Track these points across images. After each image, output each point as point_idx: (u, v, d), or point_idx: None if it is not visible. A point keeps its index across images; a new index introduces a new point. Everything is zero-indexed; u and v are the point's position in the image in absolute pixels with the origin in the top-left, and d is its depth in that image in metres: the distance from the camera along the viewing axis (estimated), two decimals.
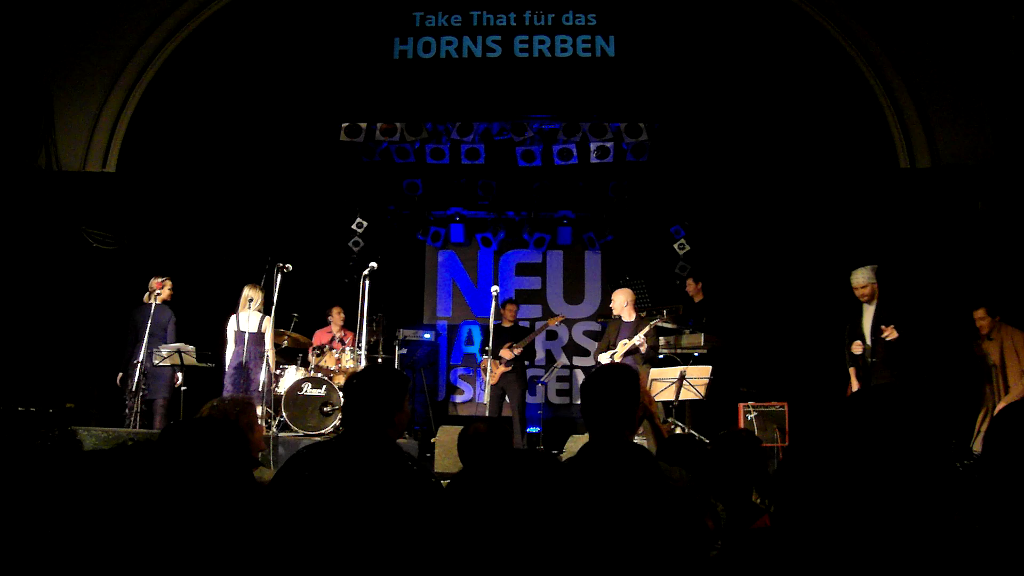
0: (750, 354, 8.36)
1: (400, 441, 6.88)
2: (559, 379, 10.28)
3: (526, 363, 8.65)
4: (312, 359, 7.89)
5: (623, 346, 7.22)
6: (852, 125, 8.31)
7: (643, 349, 7.22)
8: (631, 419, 2.57)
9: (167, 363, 7.22)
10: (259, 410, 6.53)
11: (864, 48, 8.14)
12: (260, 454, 4.16)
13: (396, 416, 2.42)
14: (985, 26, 7.74)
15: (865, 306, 6.48)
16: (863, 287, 6.47)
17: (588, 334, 10.35)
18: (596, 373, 2.65)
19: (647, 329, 7.18)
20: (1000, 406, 5.96)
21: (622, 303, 7.50)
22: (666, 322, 7.91)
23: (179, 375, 7.43)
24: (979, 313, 6.54)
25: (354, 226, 10.10)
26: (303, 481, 2.29)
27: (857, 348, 6.43)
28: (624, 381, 2.57)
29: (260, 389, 7.08)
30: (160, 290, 7.43)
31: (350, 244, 10.06)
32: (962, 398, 6.63)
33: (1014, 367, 6.25)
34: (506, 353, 8.20)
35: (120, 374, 7.51)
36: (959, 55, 7.90)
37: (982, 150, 7.84)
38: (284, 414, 7.31)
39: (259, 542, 1.98)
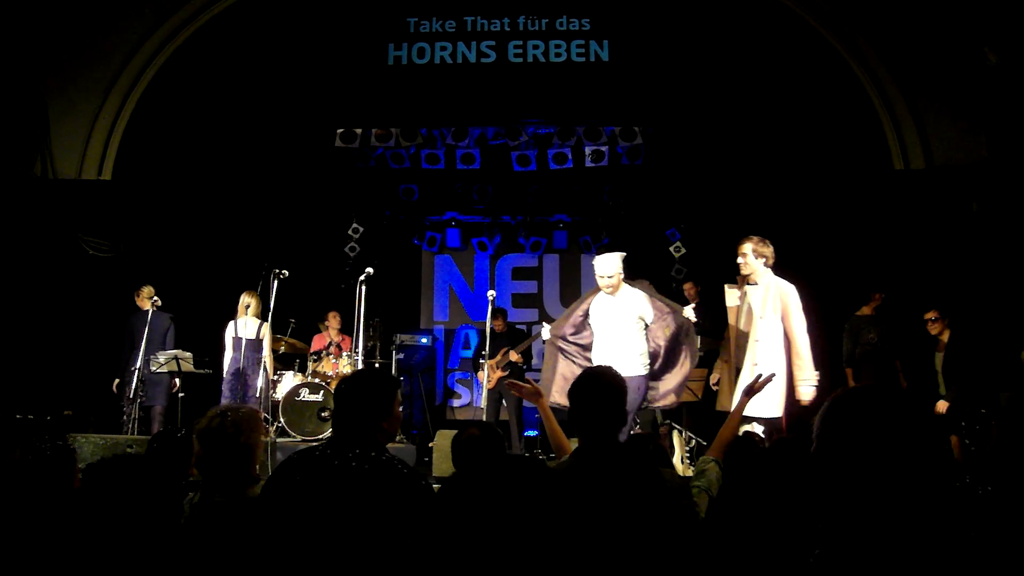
0: None
1: (398, 446, 6.95)
2: None
3: (523, 367, 8.66)
4: (310, 364, 7.90)
5: None
6: (846, 127, 8.32)
7: None
8: (621, 419, 2.56)
9: (164, 370, 7.24)
10: None
11: (857, 50, 8.15)
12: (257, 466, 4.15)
13: (386, 420, 2.42)
14: (978, 27, 7.77)
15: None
16: (610, 276, 5.52)
17: None
18: (582, 376, 2.64)
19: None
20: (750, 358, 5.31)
21: None
22: None
23: (177, 382, 7.46)
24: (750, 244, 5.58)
25: (350, 231, 10.14)
26: (294, 486, 2.30)
27: None
28: (610, 381, 2.57)
29: (258, 395, 7.09)
30: (152, 296, 7.45)
31: (346, 249, 10.09)
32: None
33: (770, 317, 5.37)
34: (514, 356, 8.29)
35: (117, 380, 7.52)
36: (952, 56, 7.92)
37: (976, 151, 7.85)
38: (282, 419, 7.31)
39: (248, 548, 1.99)
